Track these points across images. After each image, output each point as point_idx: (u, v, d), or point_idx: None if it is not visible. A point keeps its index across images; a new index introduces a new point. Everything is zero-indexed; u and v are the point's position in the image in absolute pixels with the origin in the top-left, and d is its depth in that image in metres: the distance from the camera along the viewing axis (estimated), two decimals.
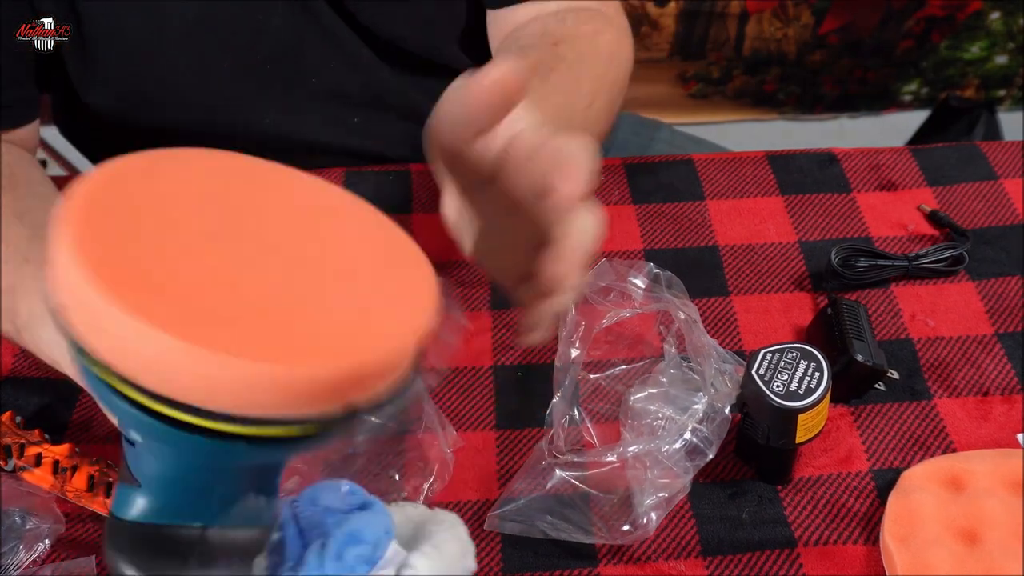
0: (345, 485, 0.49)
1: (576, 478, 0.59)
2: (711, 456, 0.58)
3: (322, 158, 0.85)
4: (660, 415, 0.58)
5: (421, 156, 0.88)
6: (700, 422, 0.58)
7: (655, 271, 0.64)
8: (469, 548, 0.50)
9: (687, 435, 0.57)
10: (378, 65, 0.80)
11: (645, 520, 0.57)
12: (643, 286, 0.63)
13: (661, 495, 0.57)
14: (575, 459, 0.59)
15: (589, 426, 0.63)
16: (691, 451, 0.58)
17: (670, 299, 0.62)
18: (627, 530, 0.57)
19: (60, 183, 0.84)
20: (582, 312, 0.62)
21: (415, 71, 0.82)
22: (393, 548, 0.46)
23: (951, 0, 1.68)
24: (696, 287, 0.73)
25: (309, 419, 0.31)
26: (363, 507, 0.47)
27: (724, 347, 0.69)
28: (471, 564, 0.50)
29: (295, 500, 0.48)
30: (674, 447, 0.57)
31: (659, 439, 0.57)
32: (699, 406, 0.58)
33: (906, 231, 0.77)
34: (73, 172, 1.72)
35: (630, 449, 0.57)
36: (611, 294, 0.63)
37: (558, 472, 0.59)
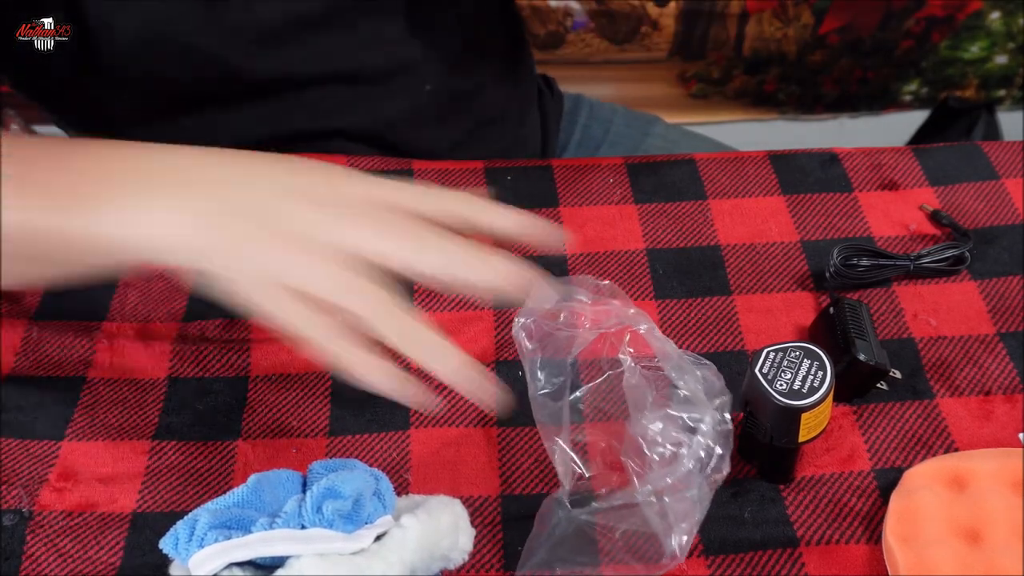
0: (351, 462, 0.50)
1: (592, 523, 0.57)
2: (726, 471, 0.56)
3: (337, 143, 0.85)
4: (666, 444, 0.56)
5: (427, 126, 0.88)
6: (708, 438, 0.56)
7: (593, 282, 0.61)
8: (466, 528, 0.51)
9: (701, 454, 0.55)
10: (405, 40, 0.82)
11: (677, 551, 0.54)
12: (588, 301, 0.60)
13: (682, 525, 0.54)
14: (590, 506, 0.57)
15: (595, 464, 0.62)
16: (704, 467, 0.55)
17: (622, 309, 0.59)
18: (661, 563, 0.55)
19: None
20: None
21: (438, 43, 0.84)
22: (387, 519, 0.47)
23: (951, 0, 1.68)
24: (698, 286, 0.73)
25: None
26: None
27: (726, 347, 0.69)
28: (466, 544, 0.50)
29: (310, 468, 0.49)
30: (688, 468, 0.54)
31: (670, 470, 0.55)
32: (704, 426, 0.56)
33: (908, 231, 0.77)
34: None
35: (644, 490, 0.54)
36: (560, 316, 0.60)
37: (573, 520, 0.57)
